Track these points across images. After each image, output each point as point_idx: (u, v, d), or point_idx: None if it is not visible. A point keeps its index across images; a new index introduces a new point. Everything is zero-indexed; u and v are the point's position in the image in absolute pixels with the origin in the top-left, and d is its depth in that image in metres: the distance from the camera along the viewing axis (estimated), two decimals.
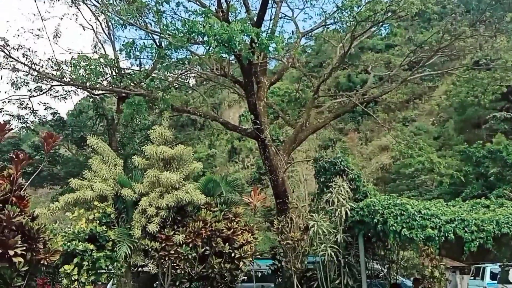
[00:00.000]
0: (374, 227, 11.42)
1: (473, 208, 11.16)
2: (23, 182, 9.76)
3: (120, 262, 12.32)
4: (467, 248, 10.16)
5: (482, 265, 19.20)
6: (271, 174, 17.86)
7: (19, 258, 8.48)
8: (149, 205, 12.60)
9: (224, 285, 13.42)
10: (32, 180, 17.93)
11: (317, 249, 12.55)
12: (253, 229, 14.24)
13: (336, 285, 12.51)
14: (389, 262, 14.88)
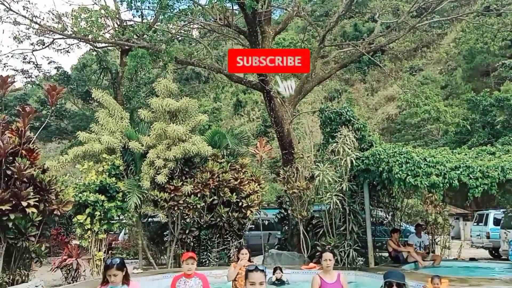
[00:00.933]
0: (379, 175, 11.53)
1: (478, 155, 11.17)
2: (32, 135, 9.92)
3: (131, 212, 12.66)
4: (471, 194, 10.26)
5: (486, 211, 19.48)
6: (277, 125, 17.89)
7: (32, 208, 8.77)
8: (156, 157, 12.78)
9: (232, 233, 13.83)
10: (41, 135, 18.18)
11: (323, 197, 12.75)
12: (259, 179, 14.47)
13: (341, 231, 12.81)
14: (393, 209, 15.14)
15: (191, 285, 5.76)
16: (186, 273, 5.79)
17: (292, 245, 14.87)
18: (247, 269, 3.56)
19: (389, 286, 4.01)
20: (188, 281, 5.79)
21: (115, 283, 4.38)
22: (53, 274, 11.60)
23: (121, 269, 4.44)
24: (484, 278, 9.86)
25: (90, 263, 11.72)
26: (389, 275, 4.12)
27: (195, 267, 5.86)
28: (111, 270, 4.38)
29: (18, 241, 8.95)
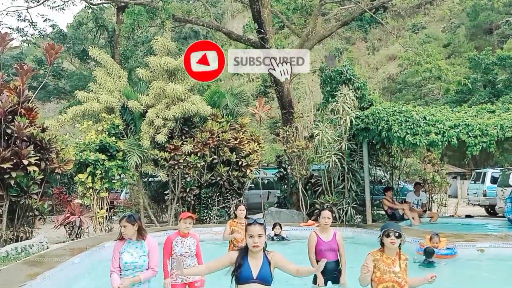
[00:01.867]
0: (378, 134, 11.54)
1: (478, 114, 11.14)
2: (30, 94, 9.85)
3: (131, 171, 12.77)
4: (469, 152, 10.30)
5: (483, 170, 19.62)
6: (276, 85, 17.76)
7: (33, 167, 8.84)
8: (156, 116, 12.75)
9: (232, 192, 14.01)
10: (39, 95, 18.04)
11: (322, 156, 12.81)
12: (259, 138, 14.52)
13: (339, 190, 12.97)
14: (392, 168, 15.27)
15: (188, 245, 5.81)
16: (183, 231, 5.79)
17: (291, 203, 15.10)
18: (247, 222, 3.59)
19: (387, 235, 4.04)
20: (185, 241, 5.81)
21: (126, 235, 4.46)
22: (56, 231, 11.84)
23: (132, 223, 4.48)
24: (479, 234, 10.08)
25: (93, 221, 11.95)
26: (387, 225, 4.17)
27: (191, 227, 5.89)
28: (122, 222, 4.46)
29: (21, 199, 9.08)
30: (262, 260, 3.56)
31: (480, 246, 8.84)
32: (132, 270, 4.40)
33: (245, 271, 3.49)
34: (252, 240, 3.51)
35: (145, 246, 4.49)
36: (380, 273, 4.01)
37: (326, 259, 5.43)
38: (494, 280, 7.07)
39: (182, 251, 5.76)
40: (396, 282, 3.94)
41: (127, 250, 4.43)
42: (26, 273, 6.63)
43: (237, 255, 3.60)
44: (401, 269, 4.00)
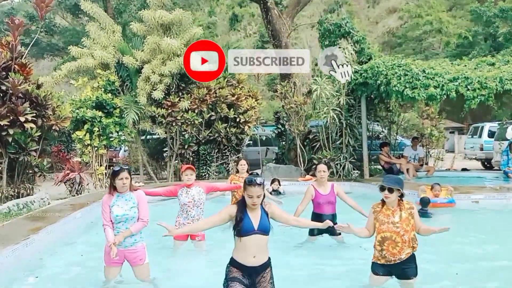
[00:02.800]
0: (377, 89, 11.45)
1: (478, 66, 10.99)
2: (23, 49, 9.66)
3: (129, 128, 12.75)
4: (467, 105, 10.25)
5: (481, 124, 19.66)
6: (274, 39, 17.44)
7: (30, 124, 8.80)
8: (152, 72, 12.59)
9: (230, 148, 14.06)
10: (32, 52, 17.69)
11: (320, 112, 12.78)
12: (256, 95, 14.41)
13: (337, 145, 13.02)
14: (389, 123, 15.27)
15: (192, 194, 5.98)
16: (187, 183, 5.98)
17: (289, 159, 15.20)
18: (246, 182, 3.61)
19: (381, 189, 4.10)
20: (189, 191, 6.01)
21: (126, 187, 4.48)
22: (57, 188, 11.95)
23: (130, 175, 4.54)
24: (475, 186, 10.23)
25: (92, 177, 12.04)
26: (384, 179, 4.20)
27: (194, 177, 6.03)
28: (123, 174, 4.44)
29: (20, 156, 9.10)
30: (260, 212, 3.65)
31: (475, 198, 9.00)
32: (124, 222, 4.46)
33: (246, 224, 3.58)
34: (251, 200, 3.58)
35: (134, 198, 4.52)
36: (379, 223, 4.11)
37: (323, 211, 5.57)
38: (488, 230, 7.23)
39: (186, 201, 5.94)
40: (394, 232, 4.02)
41: (116, 204, 4.48)
42: (28, 227, 6.74)
43: (236, 210, 3.67)
44: (401, 219, 4.05)
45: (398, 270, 4.13)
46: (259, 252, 3.63)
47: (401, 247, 4.02)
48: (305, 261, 5.69)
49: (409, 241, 4.05)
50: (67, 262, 5.76)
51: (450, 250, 6.12)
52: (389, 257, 4.06)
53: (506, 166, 12.13)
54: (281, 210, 3.81)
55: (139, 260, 4.54)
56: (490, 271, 5.26)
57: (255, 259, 3.62)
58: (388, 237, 4.04)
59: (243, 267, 3.63)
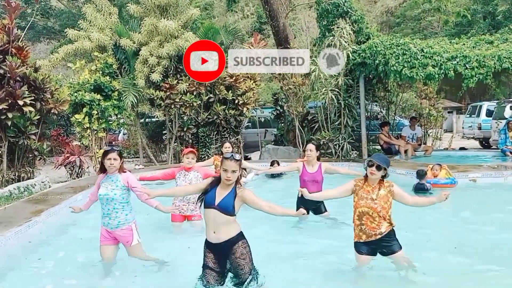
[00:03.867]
0: (375, 69, 11.43)
1: (476, 45, 10.95)
2: (20, 32, 9.60)
3: (128, 111, 12.75)
4: (465, 84, 10.25)
5: (479, 103, 19.65)
6: (272, 19, 17.31)
7: (29, 107, 8.80)
8: (149, 54, 12.53)
9: (229, 130, 14.08)
10: (28, 35, 17.55)
11: (318, 93, 12.77)
12: (255, 76, 14.35)
13: (336, 126, 13.06)
14: (388, 103, 15.28)
15: (190, 178, 6.05)
16: (186, 166, 6.04)
17: (287, 140, 15.26)
18: (224, 156, 3.70)
19: (370, 165, 4.17)
20: (188, 174, 6.08)
21: (114, 168, 4.54)
22: (57, 171, 12.02)
23: (120, 157, 4.60)
24: (472, 165, 10.32)
25: (92, 160, 12.10)
26: (373, 156, 4.28)
27: (194, 161, 6.11)
28: (112, 154, 4.51)
29: (19, 140, 9.12)
30: (228, 191, 3.71)
31: (472, 176, 9.08)
32: (106, 202, 4.56)
33: (209, 197, 3.72)
34: (225, 174, 3.64)
35: (120, 180, 4.58)
36: (358, 198, 4.23)
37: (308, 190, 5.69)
38: (485, 207, 7.33)
39: (182, 184, 5.99)
40: (371, 208, 4.14)
41: (103, 183, 4.59)
42: (30, 210, 6.82)
43: (210, 182, 3.81)
44: (379, 196, 4.15)
45: (381, 247, 4.23)
46: (218, 229, 3.68)
47: (379, 221, 4.14)
48: (293, 238, 5.81)
49: (386, 217, 4.16)
50: (69, 243, 5.85)
51: (447, 226, 6.23)
52: (369, 231, 4.17)
53: (503, 145, 12.20)
54: (253, 195, 3.79)
55: (126, 243, 4.63)
56: (487, 245, 5.37)
57: (215, 235, 3.70)
58: (365, 212, 4.16)
59: (209, 244, 3.76)
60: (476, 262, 4.78)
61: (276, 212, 3.83)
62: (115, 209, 4.55)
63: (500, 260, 4.80)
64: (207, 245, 3.80)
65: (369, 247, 4.27)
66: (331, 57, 12.65)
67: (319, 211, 6.39)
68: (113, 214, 4.55)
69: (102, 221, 4.63)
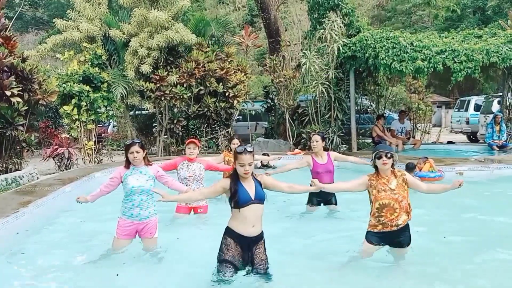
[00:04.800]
0: (365, 62, 11.49)
1: (465, 39, 11.06)
2: (7, 22, 9.46)
3: (118, 103, 12.67)
4: (454, 78, 10.35)
5: (467, 98, 19.83)
6: (263, 12, 17.27)
7: (16, 98, 8.70)
8: (139, 45, 12.44)
9: (220, 123, 14.06)
10: (16, 25, 17.29)
11: (309, 86, 12.80)
12: (245, 68, 14.33)
13: (326, 119, 13.12)
14: (378, 97, 15.36)
15: (193, 169, 6.02)
16: (189, 157, 6.01)
17: (278, 133, 15.29)
18: (237, 151, 3.68)
19: (379, 157, 4.13)
20: (191, 165, 6.06)
21: (138, 160, 4.57)
22: (45, 163, 11.91)
23: (142, 149, 4.63)
24: (459, 158, 10.44)
25: (81, 152, 12.01)
26: (378, 148, 4.26)
27: (197, 152, 6.06)
28: (134, 147, 4.55)
29: (7, 130, 9.01)
30: (254, 182, 3.73)
31: (459, 169, 9.18)
32: (139, 193, 4.57)
33: (243, 194, 3.66)
34: (243, 169, 3.65)
35: (149, 172, 4.64)
36: (377, 191, 4.14)
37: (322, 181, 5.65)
38: (470, 200, 7.41)
39: (186, 175, 5.99)
40: (392, 199, 4.08)
41: (131, 176, 4.58)
42: (18, 201, 6.75)
43: (230, 182, 3.73)
44: (397, 185, 4.12)
45: (393, 238, 4.20)
46: (257, 221, 3.72)
47: (399, 213, 4.09)
48: (301, 230, 5.80)
49: (406, 207, 4.13)
50: (58, 235, 5.81)
51: (436, 217, 6.32)
52: (387, 222, 4.11)
53: (490, 139, 12.35)
54: (273, 179, 3.89)
55: (149, 234, 4.67)
56: (474, 234, 5.48)
57: (254, 229, 3.71)
58: (386, 204, 4.09)
59: (241, 237, 3.71)
60: (465, 250, 4.87)
61: (297, 190, 3.96)
62: (148, 200, 4.61)
63: (488, 248, 4.90)
64: (238, 240, 3.74)
65: (381, 238, 4.22)
66: (321, 51, 12.68)
67: (330, 203, 6.39)
68: (145, 204, 4.60)
69: (130, 212, 4.61)
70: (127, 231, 4.63)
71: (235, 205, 3.66)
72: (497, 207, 6.90)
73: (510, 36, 10.72)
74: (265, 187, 3.79)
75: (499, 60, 10.34)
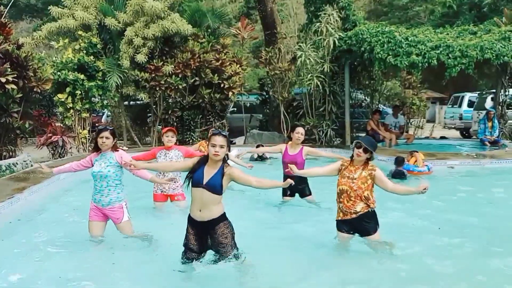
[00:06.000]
0: (360, 56, 11.54)
1: (460, 35, 11.12)
2: (2, 8, 9.40)
3: (112, 92, 12.63)
4: (448, 73, 10.42)
5: (461, 94, 19.95)
6: (260, 4, 17.25)
7: (11, 85, 8.67)
8: (135, 35, 12.39)
9: (214, 114, 14.08)
10: (10, 13, 17.16)
11: (304, 79, 12.84)
12: (241, 60, 14.32)
13: (320, 112, 13.18)
14: (372, 91, 15.42)
15: (171, 157, 6.09)
16: (167, 144, 6.07)
17: (272, 126, 15.33)
18: (212, 133, 3.76)
19: (358, 147, 4.31)
20: (168, 153, 6.12)
21: (106, 146, 4.61)
22: (39, 151, 11.88)
23: (113, 136, 4.68)
24: (451, 153, 10.56)
25: (75, 141, 12.00)
26: (363, 138, 4.42)
27: (174, 140, 6.13)
28: (105, 133, 4.61)
29: (1, 117, 8.98)
30: (216, 170, 3.77)
31: (450, 164, 9.29)
32: (99, 179, 4.62)
33: (197, 176, 3.76)
34: (213, 149, 3.69)
35: (113, 158, 4.67)
36: (341, 177, 4.41)
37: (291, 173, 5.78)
38: (461, 194, 7.52)
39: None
40: (349, 186, 4.30)
41: (98, 161, 4.66)
42: (12, 187, 6.79)
43: (197, 161, 3.85)
44: (360, 177, 4.30)
45: (359, 226, 4.38)
46: (204, 207, 3.75)
47: (354, 201, 4.30)
48: (276, 220, 5.92)
49: (363, 197, 4.29)
50: (51, 220, 5.84)
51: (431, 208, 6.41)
52: (345, 209, 4.34)
53: (482, 134, 12.48)
54: (241, 172, 3.87)
55: (116, 219, 4.71)
56: (468, 226, 5.58)
57: (201, 213, 3.77)
58: (344, 190, 4.33)
59: (193, 221, 3.82)
60: (460, 241, 4.98)
61: (265, 186, 3.91)
62: (108, 186, 4.62)
63: (480, 239, 5.03)
64: (190, 222, 3.86)
65: (346, 225, 4.43)
66: (317, 44, 12.71)
67: (304, 193, 6.47)
68: (105, 191, 4.62)
69: (94, 197, 4.68)
70: (96, 213, 4.71)
71: (188, 182, 3.80)
72: (490, 200, 7.01)
73: (504, 33, 10.80)
74: (232, 180, 3.81)
75: (493, 57, 10.42)
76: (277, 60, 13.94)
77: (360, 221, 4.34)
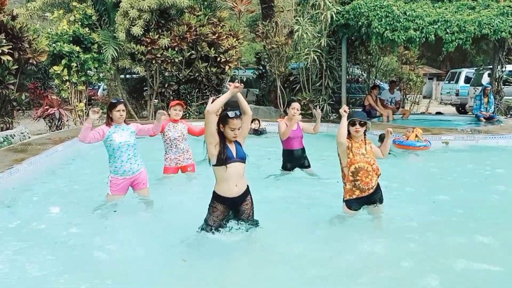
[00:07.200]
0: (358, 30, 11.48)
1: (458, 10, 11.04)
2: None
3: (108, 65, 12.55)
4: (445, 49, 10.41)
5: (458, 70, 19.92)
6: None
7: (7, 56, 8.63)
8: (130, 7, 12.22)
9: (211, 88, 14.05)
10: None
11: (301, 53, 12.78)
12: (238, 34, 14.21)
13: (317, 87, 13.18)
14: (369, 66, 15.39)
15: (180, 129, 6.17)
16: (174, 118, 6.11)
17: (269, 101, 15.33)
18: (228, 115, 3.73)
19: (352, 124, 4.32)
20: (177, 126, 6.19)
21: (122, 118, 4.77)
22: (36, 124, 11.90)
23: (126, 108, 4.76)
24: (446, 128, 10.65)
25: (72, 114, 12.00)
26: (352, 115, 4.43)
27: (181, 114, 6.19)
28: (121, 106, 4.75)
29: None
30: (234, 144, 3.87)
31: (445, 139, 9.39)
32: (126, 149, 4.78)
33: (229, 153, 3.80)
34: (233, 133, 3.77)
35: (131, 128, 4.89)
36: (353, 154, 4.33)
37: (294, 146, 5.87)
38: (455, 168, 7.63)
39: (176, 135, 6.13)
40: (366, 162, 4.30)
41: (115, 134, 4.75)
42: (11, 158, 6.84)
43: (219, 141, 3.78)
44: (367, 151, 4.35)
45: (372, 198, 4.42)
46: (240, 181, 3.87)
47: (372, 175, 4.31)
48: (277, 194, 5.91)
49: (377, 169, 4.37)
50: (50, 191, 5.92)
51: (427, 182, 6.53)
52: (363, 186, 4.31)
53: (478, 110, 12.56)
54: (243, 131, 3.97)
55: (143, 185, 4.98)
56: (465, 200, 5.69)
57: (237, 188, 3.86)
58: (362, 167, 4.29)
59: (227, 200, 3.86)
60: (453, 215, 5.06)
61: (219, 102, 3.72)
62: (134, 154, 4.86)
63: (474, 213, 5.12)
64: (225, 203, 3.88)
65: (361, 202, 4.43)
66: (315, 18, 12.61)
67: (304, 166, 6.57)
68: (133, 159, 4.85)
69: (123, 169, 4.80)
70: (120, 187, 4.85)
71: (221, 162, 3.72)
72: (485, 175, 7.10)
73: (503, 8, 10.74)
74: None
75: (491, 32, 10.40)
76: (274, 34, 13.83)
77: (374, 193, 4.40)
